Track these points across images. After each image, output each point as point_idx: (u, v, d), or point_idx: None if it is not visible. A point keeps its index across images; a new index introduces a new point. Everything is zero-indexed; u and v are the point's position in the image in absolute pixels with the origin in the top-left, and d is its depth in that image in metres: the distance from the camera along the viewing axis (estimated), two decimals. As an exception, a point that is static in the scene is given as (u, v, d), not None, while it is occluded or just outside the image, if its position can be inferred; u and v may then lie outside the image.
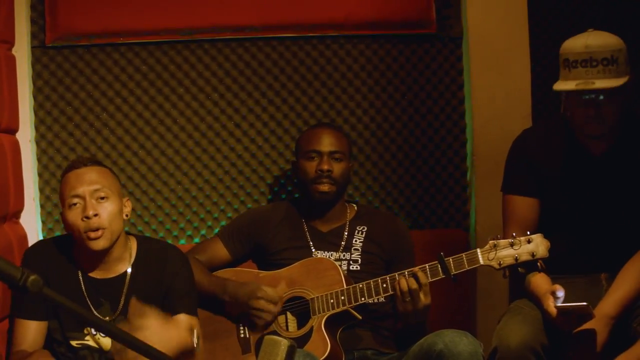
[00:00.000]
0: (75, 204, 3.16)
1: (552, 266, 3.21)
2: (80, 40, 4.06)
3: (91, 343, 3.22)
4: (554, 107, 3.93)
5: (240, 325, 3.52)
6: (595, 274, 3.35)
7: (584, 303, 3.04)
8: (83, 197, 3.15)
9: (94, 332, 3.22)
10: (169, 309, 3.19)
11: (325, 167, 3.59)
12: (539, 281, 3.27)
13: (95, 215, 3.14)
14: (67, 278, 3.24)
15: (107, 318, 3.21)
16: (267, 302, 3.42)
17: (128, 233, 3.36)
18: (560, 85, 3.25)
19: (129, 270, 3.27)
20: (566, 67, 3.24)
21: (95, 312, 3.21)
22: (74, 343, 3.23)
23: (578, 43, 3.23)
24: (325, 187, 3.59)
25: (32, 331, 3.22)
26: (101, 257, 3.22)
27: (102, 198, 3.17)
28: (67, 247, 3.29)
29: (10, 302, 3.31)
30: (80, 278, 3.25)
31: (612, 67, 3.17)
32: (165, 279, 3.26)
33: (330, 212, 3.67)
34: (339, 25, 4.17)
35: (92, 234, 3.13)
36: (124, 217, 3.26)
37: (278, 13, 4.15)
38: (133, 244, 3.32)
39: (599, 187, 3.33)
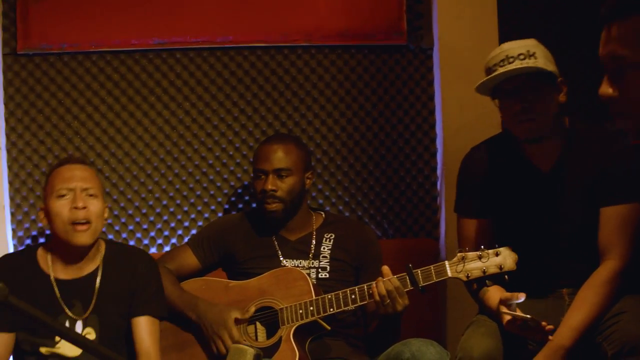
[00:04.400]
0: (64, 195, 3.25)
1: (513, 282, 3.21)
2: (51, 48, 4.06)
3: (61, 351, 3.23)
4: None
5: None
6: (557, 290, 3.34)
7: (528, 316, 3.06)
8: (74, 190, 3.25)
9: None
10: (135, 312, 3.32)
11: (269, 187, 3.58)
12: (493, 294, 3.28)
13: (84, 207, 3.23)
14: (37, 283, 3.28)
15: (80, 317, 3.27)
16: (229, 338, 3.41)
17: None
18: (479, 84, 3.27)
19: (100, 267, 3.34)
20: (487, 75, 3.27)
21: (69, 313, 3.26)
22: (43, 350, 3.24)
23: (495, 51, 3.29)
24: (272, 207, 3.60)
25: None
26: (73, 257, 3.30)
27: (91, 195, 3.28)
28: (32, 256, 3.35)
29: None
30: (52, 281, 3.28)
31: (530, 60, 3.18)
32: (134, 280, 3.35)
33: (294, 221, 3.68)
34: (311, 35, 4.20)
35: (79, 227, 3.22)
36: (104, 220, 3.36)
37: (250, 22, 4.16)
38: (102, 245, 3.40)
39: (549, 203, 3.31)
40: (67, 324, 3.25)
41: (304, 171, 3.69)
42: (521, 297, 3.13)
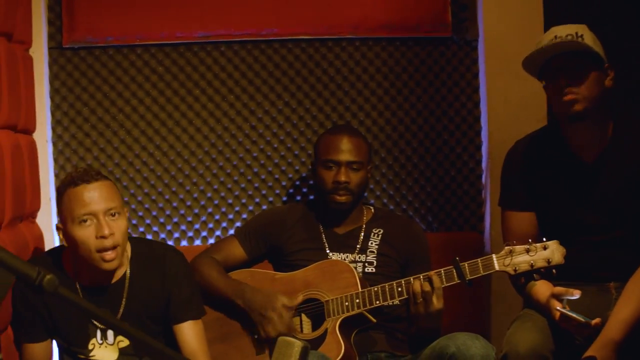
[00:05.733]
0: (86, 221, 3.02)
1: (561, 274, 3.18)
2: (97, 41, 4.08)
3: (96, 358, 3.18)
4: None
5: (255, 326, 3.52)
6: (604, 283, 3.31)
7: (582, 319, 3.04)
8: (96, 215, 3.02)
9: (100, 342, 3.18)
10: (175, 318, 3.24)
11: (343, 178, 3.56)
12: (542, 287, 3.26)
13: (112, 234, 3.02)
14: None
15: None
16: (281, 315, 3.40)
17: None
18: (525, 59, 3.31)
19: (127, 272, 3.19)
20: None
21: (96, 323, 3.16)
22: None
23: (545, 33, 3.35)
24: (342, 199, 3.58)
25: (37, 353, 3.19)
26: (98, 269, 3.09)
27: (115, 215, 3.05)
28: (58, 260, 3.20)
29: (12, 330, 3.28)
30: (78, 288, 3.15)
31: (578, 40, 3.20)
32: (166, 284, 3.21)
33: (347, 215, 3.67)
34: (355, 28, 4.19)
35: (107, 256, 3.02)
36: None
37: (294, 15, 4.16)
38: (127, 247, 3.21)
39: (593, 195, 3.28)
40: (98, 334, 3.16)
41: (368, 165, 3.69)
42: (576, 294, 3.10)
